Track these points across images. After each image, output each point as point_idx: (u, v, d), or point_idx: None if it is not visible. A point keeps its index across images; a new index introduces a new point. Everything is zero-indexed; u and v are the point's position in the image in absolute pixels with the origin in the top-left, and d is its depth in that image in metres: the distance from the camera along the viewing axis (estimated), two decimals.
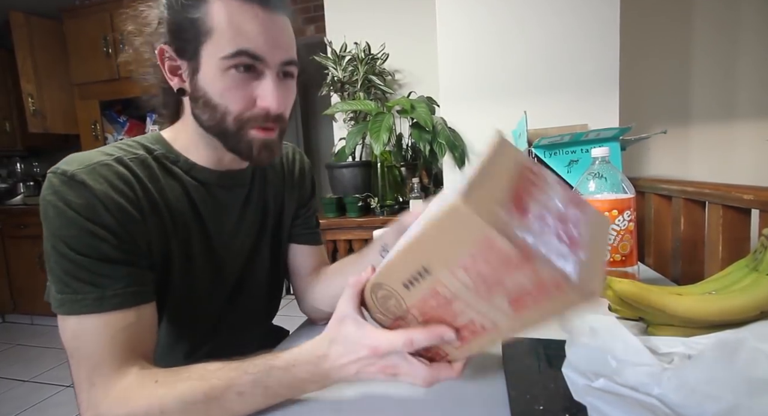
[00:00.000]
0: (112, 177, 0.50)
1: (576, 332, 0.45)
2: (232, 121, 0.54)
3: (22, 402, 1.94)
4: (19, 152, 3.40)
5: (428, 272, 0.34)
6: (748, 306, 0.50)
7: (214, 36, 0.51)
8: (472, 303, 0.34)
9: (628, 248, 0.75)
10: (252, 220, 0.68)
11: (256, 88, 0.53)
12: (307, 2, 2.89)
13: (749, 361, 0.33)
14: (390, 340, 0.40)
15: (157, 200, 0.55)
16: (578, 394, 0.39)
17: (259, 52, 0.51)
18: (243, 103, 0.53)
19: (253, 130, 0.55)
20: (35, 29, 2.80)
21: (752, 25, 1.54)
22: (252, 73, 0.53)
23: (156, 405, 0.44)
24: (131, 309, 0.49)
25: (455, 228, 0.30)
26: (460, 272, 0.32)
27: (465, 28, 1.37)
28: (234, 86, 0.52)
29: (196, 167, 0.60)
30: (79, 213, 0.47)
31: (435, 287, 0.35)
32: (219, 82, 0.52)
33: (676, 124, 1.63)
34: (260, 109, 0.54)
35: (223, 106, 0.53)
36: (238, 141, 0.55)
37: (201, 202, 0.60)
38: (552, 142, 1.02)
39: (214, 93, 0.53)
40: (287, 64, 0.55)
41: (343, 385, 0.51)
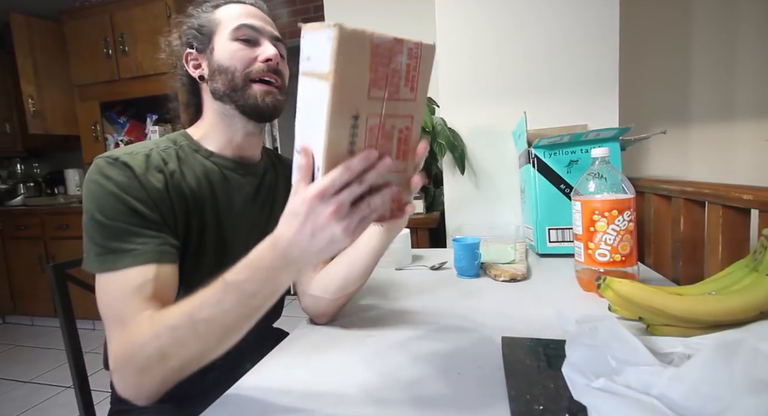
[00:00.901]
0: (149, 163, 0.62)
1: (576, 332, 0.45)
2: (239, 78, 0.67)
3: (23, 403, 1.94)
4: (20, 153, 3.40)
5: (358, 116, 0.38)
6: (748, 307, 0.50)
7: (221, 25, 0.69)
8: (392, 111, 0.41)
9: (628, 248, 0.75)
10: (260, 209, 0.76)
11: (257, 51, 0.68)
12: (306, 3, 2.90)
13: (749, 361, 0.33)
14: (326, 177, 0.39)
15: (181, 183, 0.65)
16: (578, 394, 0.39)
17: (255, 25, 0.69)
18: (247, 60, 0.67)
19: (256, 84, 0.68)
20: (35, 30, 2.80)
21: (752, 25, 1.54)
22: (252, 44, 0.68)
23: (150, 336, 0.49)
24: (158, 265, 0.56)
25: (349, 55, 0.36)
26: (374, 90, 0.38)
27: (464, 28, 1.37)
28: (239, 49, 0.67)
29: (214, 154, 0.72)
30: (120, 187, 0.57)
31: (367, 124, 0.39)
32: (228, 50, 0.67)
33: (675, 124, 1.63)
34: (260, 63, 0.67)
35: (233, 66, 0.67)
36: (245, 95, 0.67)
37: (216, 181, 0.70)
38: (552, 143, 1.02)
39: (225, 59, 0.67)
40: (278, 40, 0.72)
41: (343, 384, 0.51)
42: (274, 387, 0.53)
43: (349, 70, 0.36)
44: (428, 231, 1.57)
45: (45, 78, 2.84)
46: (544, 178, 1.04)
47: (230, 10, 0.70)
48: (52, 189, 3.41)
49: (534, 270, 0.96)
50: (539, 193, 1.04)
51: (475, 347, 0.60)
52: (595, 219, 0.76)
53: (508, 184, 1.37)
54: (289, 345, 0.66)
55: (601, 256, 0.76)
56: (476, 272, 0.94)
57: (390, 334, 0.67)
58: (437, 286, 0.91)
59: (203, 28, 0.70)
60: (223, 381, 0.68)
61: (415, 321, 0.72)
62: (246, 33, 0.68)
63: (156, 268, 0.55)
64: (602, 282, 0.59)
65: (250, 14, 0.70)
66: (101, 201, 0.56)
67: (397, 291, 0.88)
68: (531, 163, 1.05)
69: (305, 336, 0.69)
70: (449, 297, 0.83)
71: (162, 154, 0.65)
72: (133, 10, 2.58)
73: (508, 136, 1.34)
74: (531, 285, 0.87)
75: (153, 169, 0.61)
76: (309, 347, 0.64)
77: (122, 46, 2.62)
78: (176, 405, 0.70)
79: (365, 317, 0.75)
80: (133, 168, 0.59)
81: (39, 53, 2.81)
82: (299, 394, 0.51)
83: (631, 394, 0.38)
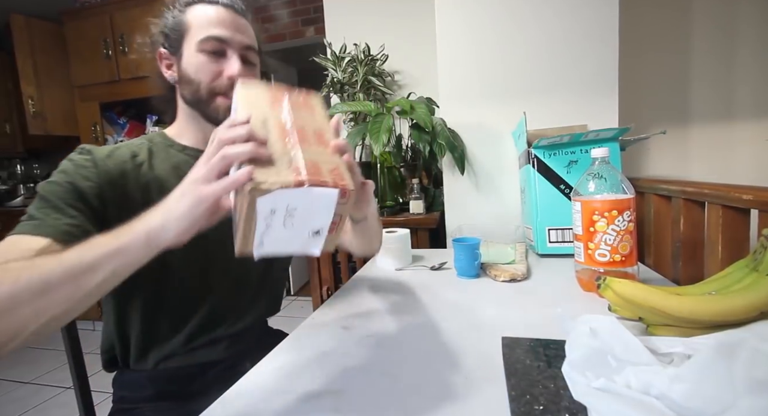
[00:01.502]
0: (113, 153, 0.65)
1: (576, 332, 0.45)
2: (204, 91, 0.68)
3: (24, 403, 1.94)
4: (20, 154, 3.41)
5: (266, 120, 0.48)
6: (748, 307, 0.50)
7: (191, 31, 0.68)
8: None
9: (628, 248, 0.75)
10: None
11: (223, 64, 0.69)
12: (306, 4, 2.90)
13: (749, 361, 0.33)
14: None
15: (147, 173, 0.67)
16: (578, 394, 0.40)
17: (223, 36, 0.68)
18: (212, 75, 0.68)
19: (220, 98, 0.69)
20: (36, 31, 2.80)
21: (752, 25, 1.54)
22: (219, 55, 0.68)
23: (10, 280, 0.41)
24: (53, 241, 0.52)
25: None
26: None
27: (464, 28, 1.37)
28: (205, 63, 0.68)
29: (188, 147, 0.74)
30: (74, 167, 0.60)
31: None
32: (194, 62, 0.68)
33: (675, 124, 1.63)
34: (225, 78, 0.68)
35: (198, 79, 0.68)
36: (209, 107, 0.69)
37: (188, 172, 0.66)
38: (551, 143, 1.02)
39: (191, 71, 0.68)
40: (247, 48, 0.71)
41: (343, 384, 0.51)
42: (274, 387, 0.53)
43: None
44: (428, 231, 1.57)
45: (45, 79, 2.84)
46: (544, 179, 1.04)
47: (200, 14, 0.69)
48: None
49: (534, 270, 0.96)
50: (539, 194, 1.04)
51: (475, 347, 0.60)
52: (595, 220, 0.76)
53: (508, 184, 1.37)
54: (288, 345, 0.66)
55: (601, 256, 0.76)
56: (476, 272, 0.94)
57: (390, 334, 0.67)
58: (437, 286, 0.91)
59: (174, 30, 0.70)
60: (222, 379, 0.69)
61: (415, 322, 0.72)
62: (212, 45, 0.67)
63: (49, 243, 0.52)
64: (602, 282, 0.59)
65: (219, 21, 0.68)
66: (53, 178, 0.59)
67: (397, 292, 0.88)
68: (531, 164, 1.05)
69: (305, 337, 0.69)
70: (449, 297, 0.83)
71: (133, 148, 0.69)
72: (133, 10, 2.58)
73: (507, 136, 1.34)
74: (531, 285, 0.87)
75: (115, 158, 0.65)
76: (309, 347, 0.64)
77: (122, 46, 2.62)
78: (176, 402, 0.70)
79: (365, 317, 0.75)
80: (93, 154, 0.63)
81: (39, 54, 2.81)
82: (299, 394, 0.51)
83: (631, 394, 0.38)
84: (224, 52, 0.68)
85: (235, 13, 0.70)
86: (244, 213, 0.41)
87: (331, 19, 2.13)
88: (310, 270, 1.71)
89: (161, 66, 0.73)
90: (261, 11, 3.02)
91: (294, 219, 0.43)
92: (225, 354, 0.75)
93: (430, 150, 1.38)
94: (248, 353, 0.78)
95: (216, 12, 0.69)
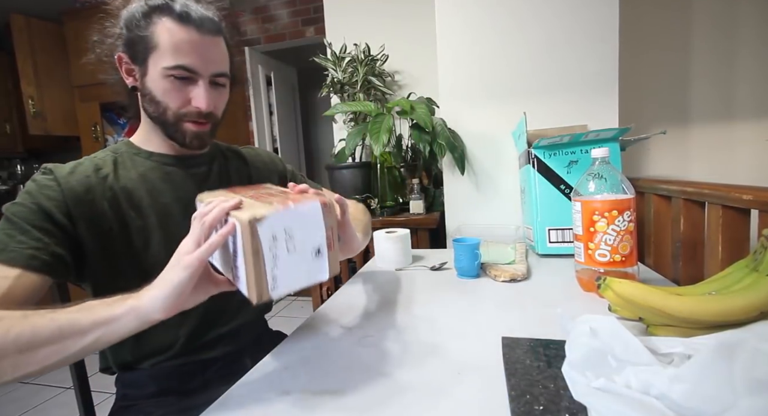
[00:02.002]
0: (75, 170, 0.64)
1: (576, 332, 0.45)
2: (171, 115, 0.67)
3: (23, 403, 1.94)
4: (20, 154, 3.41)
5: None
6: (748, 307, 0.50)
7: (158, 50, 0.64)
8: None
9: (628, 248, 0.75)
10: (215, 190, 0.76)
11: (191, 91, 0.67)
12: (306, 4, 2.90)
13: (749, 361, 0.33)
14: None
15: (113, 185, 0.67)
16: (578, 394, 0.39)
17: (192, 67, 0.65)
18: (180, 101, 0.67)
19: (188, 124, 0.68)
20: (36, 31, 2.80)
21: (752, 25, 1.54)
22: (187, 80, 0.66)
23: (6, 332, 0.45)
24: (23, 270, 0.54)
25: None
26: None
27: (464, 29, 1.37)
28: (173, 89, 0.66)
29: (154, 154, 0.73)
30: (38, 188, 0.60)
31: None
32: (161, 85, 0.65)
33: (675, 124, 1.63)
34: (194, 107, 0.67)
35: (165, 103, 0.66)
36: (175, 131, 0.69)
37: (156, 179, 0.71)
38: (551, 143, 1.02)
39: (157, 92, 0.66)
40: (218, 75, 0.69)
41: (343, 384, 0.51)
42: (274, 387, 0.53)
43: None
44: (428, 231, 1.57)
45: (45, 79, 2.84)
46: (544, 179, 1.04)
47: (170, 36, 0.63)
48: None
49: (534, 270, 0.96)
50: (539, 194, 1.04)
51: (475, 347, 0.60)
52: (595, 220, 0.76)
53: (508, 184, 1.37)
54: (288, 345, 0.66)
55: (601, 256, 0.76)
56: (476, 272, 0.94)
57: (389, 335, 0.67)
58: (437, 287, 0.91)
59: (138, 41, 0.65)
60: (223, 376, 0.69)
61: (415, 322, 0.72)
62: (181, 73, 0.65)
63: (19, 274, 0.53)
64: (602, 282, 0.59)
65: (191, 48, 0.64)
66: (18, 200, 0.59)
67: (397, 292, 0.88)
68: (531, 164, 1.05)
69: (305, 337, 0.69)
70: (449, 297, 0.83)
71: (96, 161, 0.68)
72: None
73: (507, 136, 1.34)
74: (531, 285, 0.87)
75: (78, 174, 0.64)
76: (308, 347, 0.64)
77: None
78: (178, 398, 0.70)
79: (364, 317, 0.75)
80: (55, 173, 0.62)
81: (39, 54, 2.81)
82: (299, 394, 0.51)
83: (631, 394, 0.38)
84: (194, 80, 0.66)
85: (206, 35, 0.65)
86: (249, 250, 0.44)
87: (331, 19, 2.13)
88: None
89: (120, 69, 0.69)
90: (261, 11, 3.02)
91: (295, 241, 0.47)
92: (224, 351, 0.75)
93: (430, 150, 1.38)
94: (247, 350, 0.78)
95: (188, 37, 0.64)
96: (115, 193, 0.66)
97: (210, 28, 0.66)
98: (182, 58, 0.64)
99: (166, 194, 0.71)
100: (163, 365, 0.70)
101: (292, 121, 3.77)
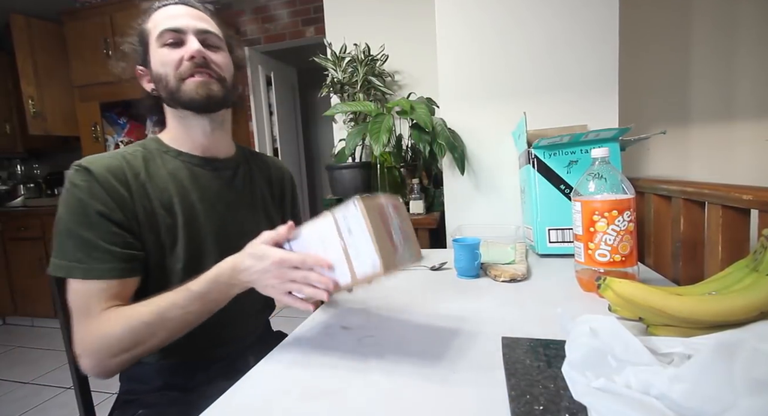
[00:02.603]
0: (110, 168, 0.65)
1: (576, 332, 0.45)
2: (173, 81, 0.69)
3: (24, 404, 1.94)
4: (20, 154, 3.41)
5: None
6: (748, 307, 0.50)
7: (151, 34, 0.71)
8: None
9: (628, 248, 0.75)
10: (238, 194, 0.80)
11: (182, 50, 0.70)
12: (306, 4, 2.90)
13: (749, 361, 0.33)
14: (289, 255, 0.56)
15: (146, 183, 0.68)
16: (578, 394, 0.39)
17: (177, 26, 0.69)
18: (175, 63, 0.69)
19: (189, 80, 0.69)
20: (36, 31, 2.80)
21: (752, 25, 1.54)
22: (179, 45, 0.70)
23: (124, 328, 0.59)
24: (120, 280, 0.63)
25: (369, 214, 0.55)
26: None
27: (464, 29, 1.37)
28: (166, 55, 0.70)
29: (182, 153, 0.75)
30: (85, 192, 0.62)
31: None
32: (158, 59, 0.70)
33: (675, 124, 1.63)
34: (186, 61, 0.69)
35: (164, 72, 0.70)
36: (182, 93, 0.70)
37: (185, 178, 0.73)
38: (551, 143, 1.02)
39: (158, 67, 0.70)
40: (207, 32, 0.72)
41: (343, 384, 0.51)
42: (274, 387, 0.53)
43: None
44: (428, 231, 1.57)
45: (45, 79, 2.84)
46: (544, 179, 1.04)
47: (157, 17, 0.72)
48: (52, 190, 3.42)
49: (534, 270, 0.96)
50: (539, 194, 1.04)
51: (475, 347, 0.60)
52: (595, 220, 0.76)
53: (508, 184, 1.37)
54: (289, 345, 0.66)
55: (601, 256, 0.76)
56: (476, 272, 0.94)
57: (389, 334, 0.67)
58: (437, 286, 0.91)
59: (140, 43, 0.73)
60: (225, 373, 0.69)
61: (415, 322, 0.72)
62: (169, 37, 0.70)
63: (118, 282, 0.62)
64: (602, 282, 0.59)
65: (174, 15, 0.71)
66: (70, 208, 0.62)
67: (397, 292, 0.88)
68: (531, 164, 1.05)
69: (305, 337, 0.69)
70: (449, 297, 0.83)
71: (128, 157, 0.69)
72: (133, 10, 2.58)
73: (507, 136, 1.34)
74: (531, 285, 0.87)
75: (115, 172, 0.65)
76: (309, 347, 0.64)
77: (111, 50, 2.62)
78: (182, 393, 0.71)
79: (365, 317, 0.75)
80: (93, 172, 0.63)
81: (39, 54, 2.82)
82: (299, 394, 0.51)
83: (631, 394, 0.38)
84: (182, 41, 0.70)
85: (189, 8, 0.73)
86: (374, 224, 0.53)
87: (331, 19, 2.13)
88: None
89: (142, 82, 0.76)
90: (261, 11, 3.02)
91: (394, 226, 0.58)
92: (228, 350, 0.76)
93: (430, 150, 1.38)
94: (251, 349, 0.78)
95: (171, 9, 0.72)
96: (147, 191, 0.68)
97: (194, 4, 0.74)
98: (167, 23, 0.70)
99: (192, 194, 0.72)
100: (169, 360, 0.71)
101: (292, 121, 3.77)
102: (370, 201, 0.55)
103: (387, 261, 0.53)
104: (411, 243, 0.61)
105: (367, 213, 0.53)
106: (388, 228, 0.56)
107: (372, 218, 0.53)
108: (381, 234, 0.54)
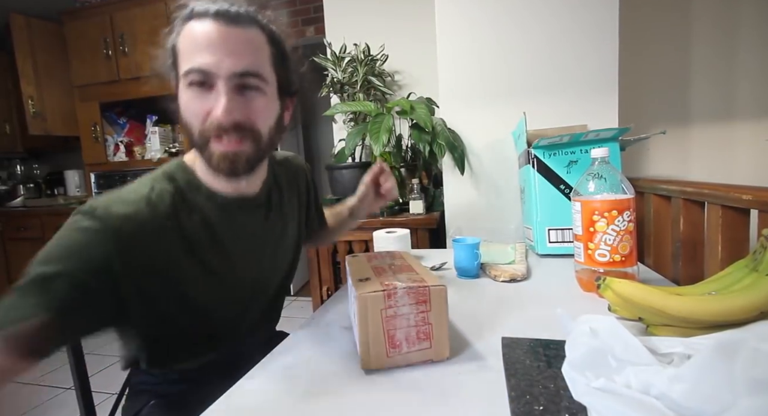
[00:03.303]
0: (128, 214, 0.54)
1: (576, 332, 0.45)
2: (197, 136, 0.56)
3: (24, 403, 1.94)
4: (20, 154, 3.41)
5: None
6: (747, 307, 0.50)
7: (179, 57, 0.56)
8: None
9: (628, 248, 0.75)
10: (272, 232, 0.74)
11: (210, 100, 0.55)
12: (306, 3, 2.90)
13: (749, 361, 0.33)
14: None
15: (175, 229, 0.59)
16: (578, 394, 0.40)
17: (206, 67, 0.53)
18: (201, 116, 0.55)
19: (213, 143, 0.56)
20: (35, 31, 2.80)
21: (752, 25, 1.54)
22: (206, 88, 0.55)
23: None
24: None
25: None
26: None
27: (464, 29, 1.37)
28: (191, 100, 0.55)
29: (216, 195, 0.63)
30: (81, 242, 0.51)
31: None
32: (183, 100, 0.56)
33: (675, 124, 1.63)
34: (213, 119, 0.55)
35: (189, 122, 0.57)
36: (206, 155, 0.57)
37: (219, 224, 0.64)
38: (551, 143, 1.02)
39: (183, 110, 0.57)
40: (244, 75, 0.55)
41: (343, 384, 0.51)
42: (275, 387, 0.53)
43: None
44: (428, 231, 1.57)
45: (45, 79, 2.84)
46: (543, 179, 1.04)
47: (187, 35, 0.55)
48: (52, 190, 3.42)
49: (534, 270, 0.96)
50: (539, 194, 1.04)
51: (475, 347, 0.60)
52: (595, 220, 0.76)
53: (508, 184, 1.37)
54: (289, 345, 0.66)
55: (600, 257, 0.76)
56: (476, 272, 0.94)
57: None
58: None
59: (170, 56, 0.58)
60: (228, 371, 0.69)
61: None
62: (196, 78, 0.54)
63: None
64: (602, 282, 0.59)
65: (206, 44, 0.53)
66: (56, 264, 0.49)
67: None
68: (531, 164, 1.05)
69: (305, 337, 0.69)
70: (449, 297, 0.83)
71: (153, 200, 0.58)
72: (133, 10, 2.58)
73: (507, 136, 1.34)
74: (531, 285, 0.87)
75: (135, 220, 0.54)
76: (309, 347, 0.64)
77: (122, 46, 2.62)
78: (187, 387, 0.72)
79: None
80: (105, 221, 0.52)
81: (39, 54, 2.82)
82: (299, 394, 0.51)
83: (631, 394, 0.38)
84: (212, 84, 0.55)
85: (229, 26, 0.54)
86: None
87: (331, 19, 2.13)
88: (310, 270, 1.71)
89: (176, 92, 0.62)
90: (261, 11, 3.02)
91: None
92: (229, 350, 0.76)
93: (430, 150, 1.38)
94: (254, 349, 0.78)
95: (202, 30, 0.53)
96: (174, 242, 0.59)
97: (232, 17, 0.54)
98: (195, 58, 0.53)
99: (225, 242, 0.65)
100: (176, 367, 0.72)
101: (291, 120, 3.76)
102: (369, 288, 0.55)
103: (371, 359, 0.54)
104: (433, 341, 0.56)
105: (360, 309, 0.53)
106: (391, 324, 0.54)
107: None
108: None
